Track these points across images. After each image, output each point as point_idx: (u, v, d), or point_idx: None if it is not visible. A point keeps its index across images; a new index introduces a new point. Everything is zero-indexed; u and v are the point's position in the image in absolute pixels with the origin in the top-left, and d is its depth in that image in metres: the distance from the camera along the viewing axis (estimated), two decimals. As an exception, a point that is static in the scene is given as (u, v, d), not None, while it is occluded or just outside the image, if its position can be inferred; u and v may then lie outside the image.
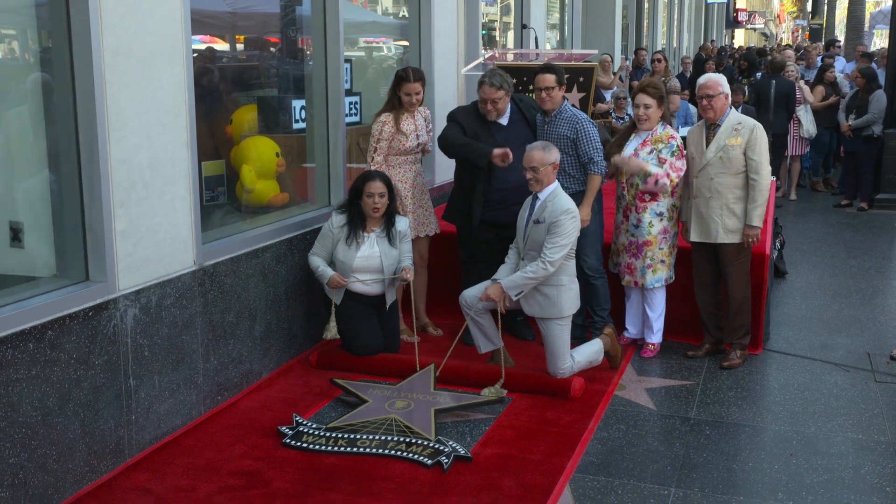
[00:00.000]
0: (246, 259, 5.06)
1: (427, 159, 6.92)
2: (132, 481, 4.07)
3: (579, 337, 5.64)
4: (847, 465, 4.26)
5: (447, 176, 7.19)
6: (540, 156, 5.00)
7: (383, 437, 4.43)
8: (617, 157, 5.52)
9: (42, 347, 3.71)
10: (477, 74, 6.71)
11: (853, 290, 7.29)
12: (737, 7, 39.89)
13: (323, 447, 4.35)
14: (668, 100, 5.99)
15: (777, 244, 7.47)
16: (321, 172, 6.14)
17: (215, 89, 5.79)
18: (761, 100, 11.04)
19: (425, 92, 5.88)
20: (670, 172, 5.37)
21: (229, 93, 5.97)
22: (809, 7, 54.00)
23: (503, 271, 5.17)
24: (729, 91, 5.45)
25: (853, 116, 10.79)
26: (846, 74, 13.06)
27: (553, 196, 5.02)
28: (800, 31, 59.75)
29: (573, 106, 5.91)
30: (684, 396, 5.11)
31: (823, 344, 5.99)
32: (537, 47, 9.82)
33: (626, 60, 16.14)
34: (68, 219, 4.06)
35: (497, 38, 11.40)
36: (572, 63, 7.81)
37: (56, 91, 4.00)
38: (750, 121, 5.41)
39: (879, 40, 36.46)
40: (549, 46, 12.64)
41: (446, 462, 4.16)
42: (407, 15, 7.87)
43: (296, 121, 6.10)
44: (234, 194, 5.61)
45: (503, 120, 5.68)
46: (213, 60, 6.03)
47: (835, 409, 4.91)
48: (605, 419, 4.78)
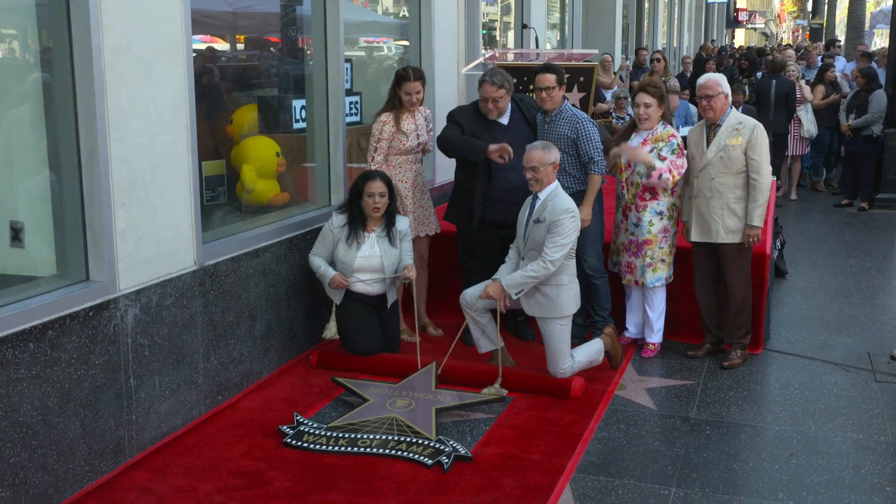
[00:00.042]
0: (246, 259, 5.06)
1: (427, 159, 6.92)
2: (132, 481, 4.07)
3: (580, 337, 5.64)
4: (847, 465, 4.26)
5: (447, 176, 7.19)
6: (540, 155, 5.00)
7: (384, 437, 4.43)
8: (624, 145, 5.49)
9: (42, 347, 3.71)
10: (477, 74, 6.71)
11: (853, 290, 7.29)
12: (737, 7, 39.88)
13: (324, 447, 4.35)
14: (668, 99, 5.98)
15: (777, 244, 7.47)
16: (321, 172, 6.14)
17: (216, 89, 5.79)
18: (762, 99, 11.05)
19: (425, 91, 5.88)
20: (672, 169, 5.37)
21: (230, 92, 5.97)
22: (810, 7, 54.00)
23: (503, 271, 5.17)
24: (729, 91, 5.45)
25: (853, 116, 10.79)
26: (843, 74, 13.06)
27: (553, 195, 5.02)
28: (800, 31, 59.73)
29: (573, 106, 5.91)
30: (685, 396, 5.11)
31: (824, 344, 5.99)
32: (537, 47, 9.82)
33: (627, 60, 16.13)
34: (69, 218, 4.06)
35: (497, 38, 11.40)
36: (573, 63, 7.81)
37: (56, 91, 4.00)
38: (750, 120, 5.41)
39: (880, 40, 36.44)
40: (550, 46, 12.63)
41: (447, 462, 4.16)
42: (407, 14, 7.87)
43: (296, 120, 6.10)
44: (235, 194, 5.61)
45: (504, 119, 5.68)
46: (214, 60, 6.03)
47: (835, 409, 4.91)
48: (606, 419, 4.78)
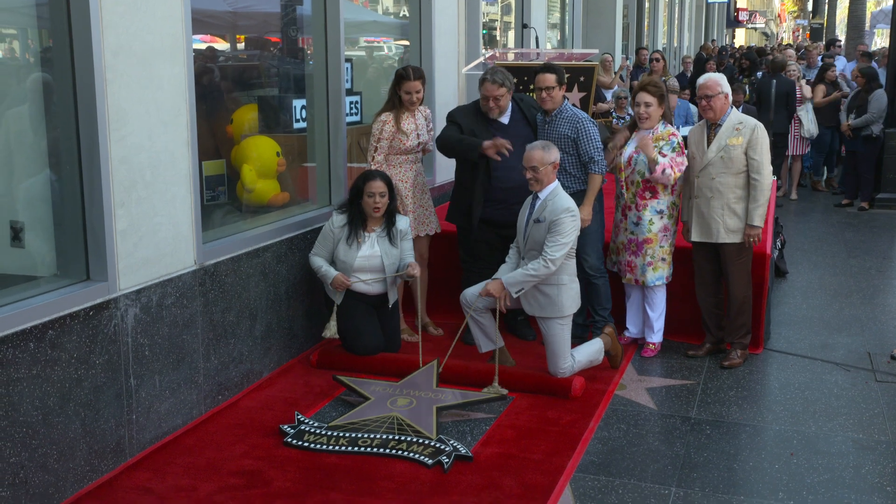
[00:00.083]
0: (246, 258, 5.06)
1: (428, 159, 6.92)
2: (133, 481, 4.07)
3: (580, 336, 5.64)
4: (848, 465, 4.26)
5: (448, 175, 7.19)
6: (540, 155, 5.00)
7: (385, 436, 4.43)
8: (639, 134, 5.52)
9: (43, 347, 3.71)
10: (477, 74, 6.70)
11: (854, 290, 7.29)
12: (737, 6, 39.88)
13: (324, 446, 4.35)
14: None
15: (778, 244, 7.47)
16: (322, 172, 6.14)
17: (216, 89, 5.79)
18: (762, 99, 11.05)
19: (426, 91, 5.88)
20: (672, 166, 5.37)
21: (230, 92, 5.97)
22: (810, 7, 54.00)
23: (504, 271, 5.16)
24: (729, 91, 5.44)
25: (853, 116, 10.79)
26: (842, 74, 13.06)
27: (553, 195, 5.03)
28: (800, 31, 59.73)
29: (574, 105, 5.91)
30: (685, 396, 5.10)
31: (824, 343, 5.99)
32: (538, 47, 9.81)
33: (627, 60, 16.13)
34: (69, 218, 4.06)
35: (498, 38, 11.40)
36: (573, 63, 7.81)
37: (57, 90, 4.00)
38: (751, 120, 5.41)
39: (880, 39, 36.43)
40: (550, 46, 12.63)
41: (447, 461, 4.16)
42: (407, 14, 7.86)
43: (296, 120, 6.10)
44: (235, 194, 5.61)
45: (504, 119, 5.67)
46: (214, 60, 6.03)
47: (835, 409, 4.91)
48: (606, 419, 4.78)
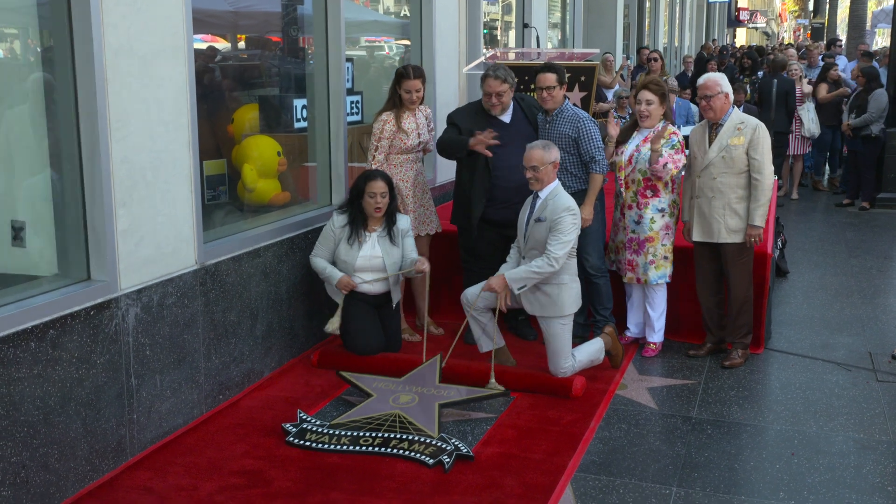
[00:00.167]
0: (247, 258, 5.06)
1: (428, 158, 6.92)
2: (134, 480, 4.07)
3: (581, 336, 5.64)
4: (849, 465, 4.25)
5: (448, 175, 7.19)
6: (540, 155, 5.00)
7: (386, 435, 4.43)
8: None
9: (44, 346, 3.71)
10: (478, 74, 6.71)
11: (855, 290, 7.28)
12: (738, 6, 39.84)
13: (326, 445, 4.35)
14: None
15: (779, 243, 7.47)
16: (323, 171, 6.14)
17: (217, 88, 5.79)
18: (763, 99, 11.04)
19: (426, 90, 5.88)
20: (670, 162, 5.37)
21: (231, 92, 5.97)
22: (811, 6, 53.96)
23: (504, 271, 5.16)
24: (730, 90, 5.42)
25: (853, 116, 10.79)
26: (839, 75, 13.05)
27: (554, 194, 5.03)
28: (801, 30, 59.69)
29: (574, 105, 5.90)
30: (686, 396, 5.10)
31: (825, 343, 5.98)
32: (539, 46, 9.81)
33: (628, 60, 16.13)
34: (70, 218, 4.06)
35: (499, 38, 11.40)
36: (574, 62, 7.81)
37: (57, 90, 4.00)
38: (752, 120, 5.40)
39: (881, 39, 36.39)
40: (551, 45, 12.63)
41: (448, 461, 4.16)
42: (408, 14, 7.86)
43: (297, 120, 6.10)
44: (236, 193, 5.61)
45: (506, 117, 5.67)
46: (215, 59, 6.02)
47: (836, 409, 4.91)
48: (607, 418, 4.78)
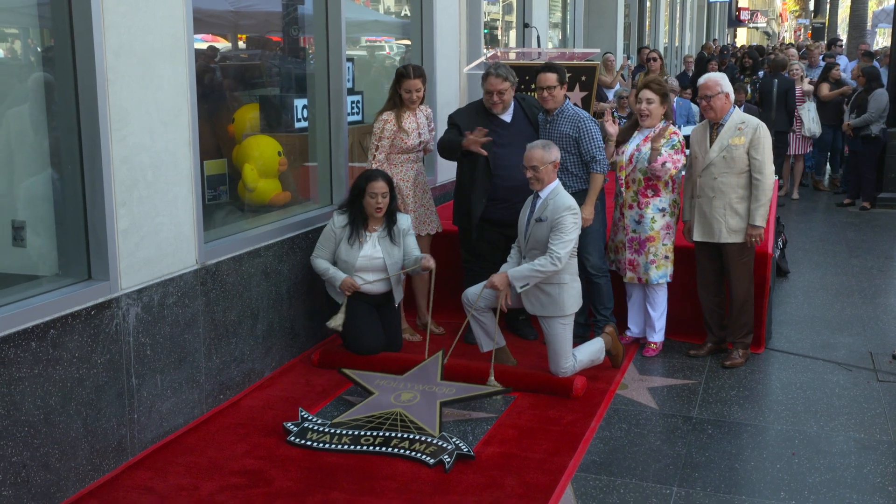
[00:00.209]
0: (248, 258, 5.06)
1: (429, 158, 6.92)
2: (134, 480, 4.07)
3: (582, 336, 5.64)
4: (849, 465, 4.25)
5: (449, 175, 7.18)
6: (540, 154, 5.00)
7: (387, 434, 4.43)
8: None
9: (44, 346, 3.71)
10: (479, 74, 6.71)
11: (855, 290, 7.28)
12: (739, 6, 39.84)
13: (327, 445, 4.35)
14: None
15: (779, 243, 7.47)
16: (323, 171, 6.14)
17: (217, 88, 5.79)
18: (764, 98, 11.04)
19: (426, 89, 5.88)
20: (669, 161, 5.37)
21: (231, 92, 5.97)
22: (812, 6, 53.94)
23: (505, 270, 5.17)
24: (730, 90, 5.41)
25: (853, 115, 10.78)
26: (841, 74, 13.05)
27: (554, 194, 5.03)
28: (802, 30, 59.69)
29: (575, 105, 5.90)
30: (686, 395, 5.10)
31: (826, 343, 5.98)
32: (539, 46, 9.80)
33: (629, 59, 16.12)
34: (70, 218, 4.07)
35: (499, 37, 11.40)
36: (574, 62, 7.81)
37: (58, 90, 4.00)
38: (753, 120, 5.40)
39: (882, 39, 36.37)
40: (552, 45, 12.62)
41: (448, 461, 4.16)
42: (409, 14, 7.86)
43: (298, 120, 6.10)
44: (236, 193, 5.61)
45: (506, 117, 5.67)
46: (215, 59, 6.02)
47: (837, 409, 4.91)
48: (607, 418, 4.78)
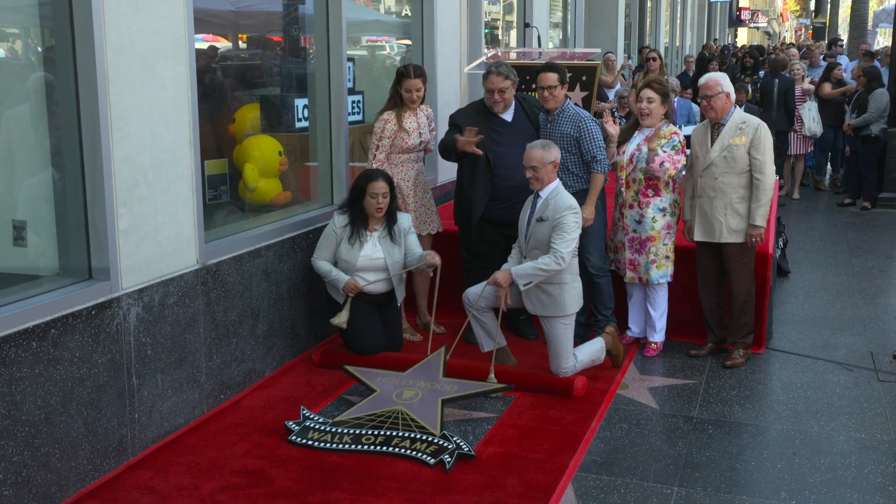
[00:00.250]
0: (248, 258, 5.06)
1: (429, 158, 6.92)
2: (135, 480, 4.07)
3: (583, 336, 5.63)
4: (850, 465, 4.25)
5: (449, 175, 7.19)
6: (540, 154, 5.00)
7: (388, 433, 4.43)
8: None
9: (45, 346, 3.71)
10: (479, 73, 6.71)
11: (856, 290, 7.28)
12: (740, 6, 39.83)
13: (328, 444, 4.35)
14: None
15: (780, 243, 7.46)
16: (324, 171, 6.14)
17: (218, 88, 5.79)
18: (765, 98, 11.04)
19: (426, 89, 5.88)
20: (668, 162, 5.37)
21: (232, 91, 5.97)
22: (812, 6, 53.93)
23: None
24: (731, 90, 5.41)
25: (854, 115, 10.78)
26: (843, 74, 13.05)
27: (555, 194, 5.03)
28: (803, 30, 59.66)
29: (576, 105, 5.90)
30: (687, 395, 5.10)
31: (826, 343, 5.98)
32: (540, 46, 9.81)
33: (629, 59, 16.12)
34: (71, 217, 4.07)
35: (500, 37, 11.40)
36: (575, 62, 7.81)
37: (59, 90, 4.00)
38: (754, 120, 5.40)
39: (883, 38, 36.35)
40: (552, 45, 12.63)
41: (449, 461, 4.16)
42: (409, 14, 7.86)
43: (298, 119, 6.10)
44: (237, 193, 5.61)
45: (507, 116, 5.67)
46: (216, 59, 6.02)
47: (838, 409, 4.91)
48: (608, 418, 4.78)
